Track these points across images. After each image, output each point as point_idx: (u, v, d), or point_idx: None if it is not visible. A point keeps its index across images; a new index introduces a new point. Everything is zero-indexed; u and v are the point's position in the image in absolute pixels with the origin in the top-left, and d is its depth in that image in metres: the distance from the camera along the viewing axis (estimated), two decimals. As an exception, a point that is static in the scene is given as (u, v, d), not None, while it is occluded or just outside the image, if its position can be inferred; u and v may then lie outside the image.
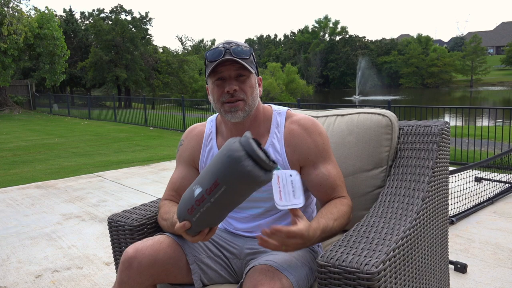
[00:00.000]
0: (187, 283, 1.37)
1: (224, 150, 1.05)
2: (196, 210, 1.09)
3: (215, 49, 1.29)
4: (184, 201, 1.14)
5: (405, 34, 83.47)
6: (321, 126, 1.40)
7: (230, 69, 1.28)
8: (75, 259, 2.97)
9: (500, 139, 6.77)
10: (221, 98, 1.30)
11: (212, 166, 1.07)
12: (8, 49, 18.27)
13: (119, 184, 5.27)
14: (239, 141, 1.05)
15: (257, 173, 1.02)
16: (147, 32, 34.11)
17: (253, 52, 1.33)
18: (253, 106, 1.32)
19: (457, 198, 3.86)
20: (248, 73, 1.30)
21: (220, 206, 1.07)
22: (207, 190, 1.06)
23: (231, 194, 1.05)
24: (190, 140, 1.50)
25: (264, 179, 1.03)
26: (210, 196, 1.06)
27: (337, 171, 1.37)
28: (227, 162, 1.03)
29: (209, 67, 1.29)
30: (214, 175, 1.05)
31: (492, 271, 2.56)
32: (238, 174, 1.02)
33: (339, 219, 1.24)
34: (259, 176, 1.02)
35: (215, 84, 1.31)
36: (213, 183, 1.05)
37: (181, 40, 66.97)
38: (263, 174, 1.03)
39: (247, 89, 1.30)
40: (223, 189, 1.04)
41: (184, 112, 11.90)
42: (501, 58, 63.89)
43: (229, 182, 1.03)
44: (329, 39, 66.09)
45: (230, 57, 1.25)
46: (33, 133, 12.17)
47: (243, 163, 1.01)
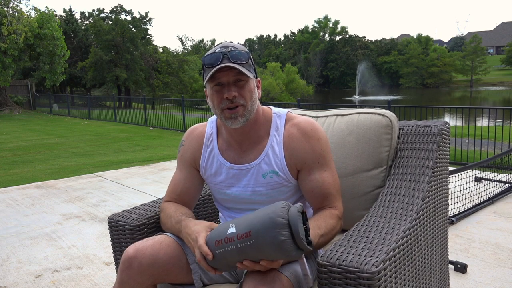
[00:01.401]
0: (187, 283, 1.37)
1: (269, 209, 1.06)
2: (222, 245, 1.11)
3: (212, 54, 1.27)
4: (217, 230, 1.15)
5: (405, 34, 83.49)
6: (322, 131, 1.38)
7: (228, 75, 1.27)
8: (75, 259, 2.97)
9: (500, 139, 6.77)
10: (221, 105, 1.29)
11: (252, 216, 1.09)
12: (8, 49, 18.27)
13: (119, 184, 5.27)
14: (288, 209, 1.05)
15: (289, 246, 1.02)
16: (147, 32, 34.12)
17: (251, 55, 1.32)
18: (252, 111, 1.31)
19: (457, 198, 3.86)
20: (247, 77, 1.29)
21: (242, 255, 1.09)
22: (238, 235, 1.08)
23: (256, 250, 1.06)
24: (191, 141, 1.49)
25: (293, 255, 1.03)
26: (238, 241, 1.07)
27: (333, 179, 1.35)
28: (266, 222, 1.04)
29: (207, 72, 1.28)
30: (250, 227, 1.06)
31: (492, 271, 2.56)
32: (271, 238, 1.03)
33: (326, 235, 1.24)
34: (290, 250, 1.02)
35: (213, 90, 1.30)
36: (245, 232, 1.06)
37: (181, 40, 67.05)
38: (294, 250, 1.03)
39: (246, 94, 1.29)
40: (251, 242, 1.05)
41: (184, 112, 11.90)
42: (501, 58, 63.92)
43: (259, 240, 1.04)
44: (329, 39, 66.11)
45: (228, 64, 1.24)
46: (33, 133, 12.17)
47: (280, 231, 1.02)
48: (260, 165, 1.36)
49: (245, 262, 1.09)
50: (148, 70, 32.53)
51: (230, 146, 1.41)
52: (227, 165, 1.40)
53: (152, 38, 40.56)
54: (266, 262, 1.08)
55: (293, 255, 1.03)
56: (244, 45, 1.41)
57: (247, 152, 1.38)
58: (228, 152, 1.41)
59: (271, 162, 1.35)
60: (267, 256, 1.06)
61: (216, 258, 1.13)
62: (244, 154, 1.39)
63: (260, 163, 1.36)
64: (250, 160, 1.38)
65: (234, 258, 1.10)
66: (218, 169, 1.42)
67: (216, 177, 1.42)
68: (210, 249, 1.14)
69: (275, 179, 1.35)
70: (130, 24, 32.62)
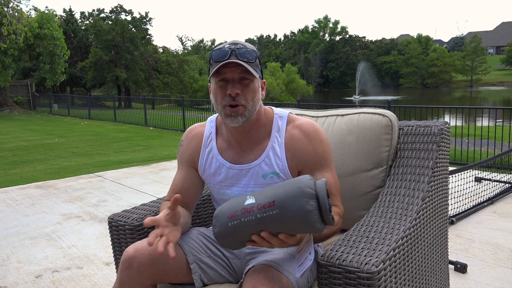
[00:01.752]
0: (187, 283, 1.37)
1: (296, 180, 1.05)
2: (237, 217, 1.05)
3: (220, 49, 1.27)
4: (230, 203, 1.10)
5: (405, 34, 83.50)
6: (323, 133, 1.38)
7: (234, 72, 1.26)
8: (75, 259, 2.97)
9: (500, 139, 6.77)
10: (223, 101, 1.28)
11: (276, 187, 1.06)
12: (8, 49, 18.27)
13: (119, 184, 5.27)
14: (314, 181, 1.04)
15: (315, 217, 1.01)
16: (147, 32, 34.13)
17: (259, 55, 1.31)
18: (253, 111, 1.31)
19: (457, 198, 3.86)
20: (252, 77, 1.29)
21: (260, 226, 1.04)
22: (259, 205, 1.04)
23: (277, 221, 1.02)
24: (189, 141, 1.49)
25: (317, 227, 1.02)
26: (258, 212, 1.03)
27: (334, 180, 1.35)
28: (294, 191, 1.02)
29: (213, 67, 1.27)
30: (274, 196, 1.03)
31: (492, 271, 2.56)
32: (297, 207, 1.00)
33: (329, 229, 1.23)
34: (315, 221, 1.01)
35: (218, 85, 1.29)
36: (268, 202, 1.03)
37: (181, 40, 67.05)
38: (319, 222, 1.01)
39: (249, 93, 1.28)
40: (274, 212, 1.02)
41: (184, 112, 11.90)
42: (501, 58, 63.91)
43: (284, 209, 1.01)
44: (329, 39, 66.11)
45: (235, 60, 1.24)
46: (33, 133, 12.17)
47: (308, 201, 1.00)
48: (260, 165, 1.36)
49: (263, 234, 1.05)
50: (148, 70, 32.54)
51: (230, 145, 1.41)
52: (226, 165, 1.40)
53: (152, 38, 40.58)
54: (284, 236, 1.05)
55: (317, 227, 1.01)
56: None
57: (247, 152, 1.38)
58: (228, 152, 1.41)
59: (272, 163, 1.35)
60: (288, 228, 1.03)
61: (227, 232, 1.08)
62: (244, 154, 1.38)
63: (260, 163, 1.36)
64: (250, 160, 1.37)
65: (249, 230, 1.05)
66: (217, 169, 1.41)
67: (215, 177, 1.42)
68: (220, 223, 1.08)
69: (276, 180, 1.35)
70: (130, 24, 32.63)
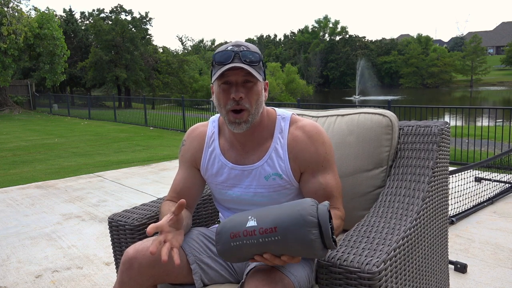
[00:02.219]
0: (188, 283, 1.37)
1: (298, 206, 1.04)
2: (239, 238, 1.07)
3: (223, 52, 1.26)
4: (231, 221, 1.11)
5: (405, 34, 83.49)
6: (326, 135, 1.38)
7: (237, 75, 1.26)
8: (75, 259, 2.97)
9: (500, 139, 6.77)
10: (227, 106, 1.28)
11: (277, 212, 1.06)
12: (8, 49, 18.27)
13: (119, 184, 5.27)
14: (317, 207, 1.04)
15: (317, 245, 1.01)
16: (147, 32, 34.13)
17: (262, 57, 1.31)
18: (256, 115, 1.31)
19: (457, 198, 3.86)
20: (256, 80, 1.28)
21: (262, 249, 1.05)
22: (261, 229, 1.04)
23: (280, 247, 1.03)
24: (192, 141, 1.48)
25: (319, 254, 1.02)
26: (260, 236, 1.04)
27: (335, 182, 1.35)
28: (296, 219, 1.02)
29: (216, 69, 1.26)
30: (276, 222, 1.03)
31: (492, 271, 2.56)
32: (300, 236, 1.01)
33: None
34: (318, 249, 1.01)
35: (221, 88, 1.29)
36: (270, 228, 1.03)
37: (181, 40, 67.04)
38: (321, 249, 1.02)
39: (252, 97, 1.28)
40: (277, 238, 1.03)
41: (184, 112, 11.90)
42: (501, 58, 63.91)
43: (285, 237, 1.02)
44: (329, 39, 66.11)
45: (239, 64, 1.23)
46: (33, 133, 12.17)
47: (310, 230, 1.00)
48: (263, 167, 1.36)
49: (266, 256, 1.06)
50: (148, 70, 32.54)
51: (232, 146, 1.41)
52: (229, 166, 1.40)
53: (152, 38, 40.57)
54: (287, 258, 1.06)
55: (319, 253, 1.02)
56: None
57: (249, 153, 1.38)
58: (230, 153, 1.41)
59: (275, 165, 1.35)
60: (291, 252, 1.04)
61: (230, 251, 1.09)
62: (247, 155, 1.38)
63: (263, 165, 1.36)
64: (252, 161, 1.37)
65: (252, 251, 1.07)
66: (220, 169, 1.41)
67: (217, 177, 1.42)
68: (222, 241, 1.10)
69: (278, 182, 1.35)
70: (130, 24, 32.63)
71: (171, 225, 1.20)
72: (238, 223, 1.09)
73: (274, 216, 1.05)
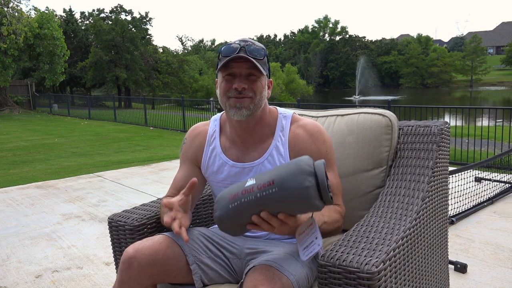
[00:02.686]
0: (187, 283, 1.37)
1: (295, 159, 1.06)
2: (237, 198, 1.07)
3: (230, 45, 1.29)
4: (230, 188, 1.11)
5: (405, 34, 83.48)
6: (327, 134, 1.40)
7: (242, 67, 1.28)
8: (75, 259, 2.97)
9: (500, 139, 6.76)
10: (228, 93, 1.30)
11: (276, 168, 1.08)
12: (8, 49, 18.27)
13: (119, 184, 5.27)
14: (313, 161, 1.06)
15: (313, 193, 1.01)
16: (147, 32, 34.13)
17: (267, 54, 1.33)
18: (259, 106, 1.32)
19: (457, 198, 3.86)
20: (259, 73, 1.30)
21: (260, 206, 1.05)
22: (259, 185, 1.05)
23: (277, 200, 1.03)
24: (193, 139, 1.50)
25: (315, 203, 1.02)
26: (258, 191, 1.04)
27: (336, 180, 1.36)
28: (293, 168, 1.03)
29: (222, 61, 1.29)
30: (273, 176, 1.05)
31: (492, 271, 2.56)
32: (296, 184, 1.01)
33: (328, 224, 1.24)
34: (313, 197, 1.01)
35: (224, 78, 1.31)
36: (268, 181, 1.04)
37: (181, 40, 67.05)
38: (317, 198, 1.02)
39: (256, 88, 1.30)
40: (274, 190, 1.03)
41: (184, 112, 11.90)
42: (501, 58, 63.90)
43: (283, 187, 1.02)
44: (329, 39, 66.12)
45: (244, 55, 1.25)
46: (33, 133, 12.17)
47: (306, 177, 1.01)
48: (263, 164, 1.36)
49: (263, 214, 1.05)
50: (148, 70, 32.54)
51: (233, 143, 1.41)
52: (229, 163, 1.40)
53: (152, 38, 40.58)
54: (284, 216, 1.05)
55: (315, 204, 1.02)
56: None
57: (250, 150, 1.39)
58: (231, 150, 1.41)
59: (275, 162, 1.36)
60: (288, 206, 1.04)
61: (227, 215, 1.08)
62: (248, 152, 1.39)
63: (263, 162, 1.36)
64: (253, 159, 1.38)
65: (250, 211, 1.06)
66: (220, 167, 1.42)
67: (217, 175, 1.43)
68: (221, 206, 1.09)
69: None
70: (130, 24, 32.63)
71: (180, 206, 1.23)
72: (237, 186, 1.10)
73: (272, 172, 1.06)
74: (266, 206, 1.05)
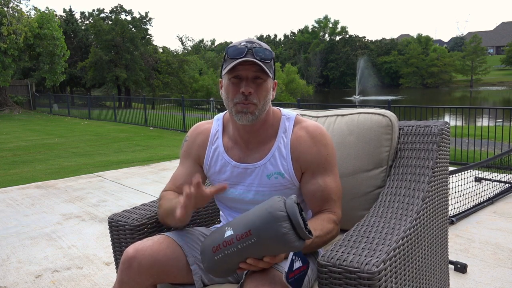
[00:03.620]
0: (187, 283, 1.37)
1: (266, 205, 1.08)
2: (220, 250, 1.10)
3: (237, 46, 1.27)
4: (211, 238, 1.14)
5: (405, 34, 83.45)
6: (329, 137, 1.39)
7: (249, 70, 1.26)
8: (75, 259, 2.97)
9: (500, 139, 6.76)
10: (235, 99, 1.29)
11: (249, 215, 1.09)
12: (8, 49, 18.27)
13: (119, 184, 5.27)
14: (284, 202, 1.07)
15: (291, 237, 1.03)
16: (147, 32, 34.12)
17: (274, 55, 1.32)
18: (263, 111, 1.32)
19: (457, 198, 3.86)
20: (266, 76, 1.29)
21: (243, 255, 1.08)
22: (238, 236, 1.07)
23: (258, 248, 1.06)
24: (196, 137, 1.49)
25: (296, 245, 1.04)
26: (238, 243, 1.07)
27: (335, 185, 1.36)
28: (266, 218, 1.05)
29: (228, 63, 1.27)
30: (249, 225, 1.06)
31: (492, 271, 2.56)
32: (273, 232, 1.03)
33: (321, 237, 1.25)
34: (293, 241, 1.03)
35: (231, 81, 1.30)
36: (245, 232, 1.06)
37: (181, 40, 67.04)
38: (296, 241, 1.04)
39: (261, 93, 1.29)
40: (252, 241, 1.05)
41: (184, 112, 11.90)
42: (501, 58, 63.89)
43: (260, 237, 1.04)
44: (329, 39, 66.11)
45: (251, 59, 1.24)
46: (33, 133, 12.17)
47: (281, 224, 1.03)
48: (265, 165, 1.36)
49: (249, 261, 1.08)
50: (148, 70, 32.53)
51: (236, 144, 1.41)
52: (232, 164, 1.40)
53: (152, 38, 40.56)
54: (269, 258, 1.08)
55: (296, 245, 1.04)
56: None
57: (253, 151, 1.39)
58: (234, 151, 1.41)
59: (277, 164, 1.35)
60: (270, 251, 1.06)
61: (215, 266, 1.13)
62: (250, 153, 1.39)
63: (265, 163, 1.36)
64: (255, 160, 1.38)
65: (235, 260, 1.09)
66: (223, 167, 1.42)
67: (220, 175, 1.42)
68: (207, 258, 1.13)
69: (280, 181, 1.35)
70: (130, 24, 32.62)
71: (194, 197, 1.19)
72: (217, 236, 1.12)
73: (246, 221, 1.08)
74: (250, 254, 1.08)
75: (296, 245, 1.04)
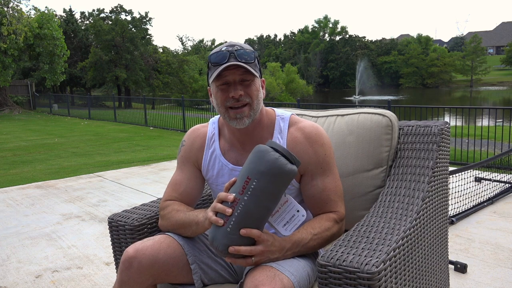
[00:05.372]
0: (188, 283, 1.37)
1: (252, 151, 1.16)
2: (230, 218, 1.12)
3: (218, 52, 1.27)
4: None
5: (405, 34, 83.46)
6: (326, 136, 1.38)
7: (234, 74, 1.26)
8: (75, 259, 2.97)
9: (500, 139, 6.77)
10: (226, 103, 1.28)
11: (241, 171, 1.15)
12: (8, 49, 18.28)
13: (119, 184, 5.27)
14: (266, 143, 1.17)
15: (283, 161, 1.11)
16: (147, 32, 34.11)
17: (257, 55, 1.31)
18: (257, 110, 1.31)
19: (457, 198, 3.86)
20: (253, 77, 1.29)
21: (255, 201, 1.11)
22: (240, 191, 1.12)
23: (261, 189, 1.10)
24: (193, 141, 1.48)
25: (289, 168, 1.11)
26: (243, 195, 1.11)
27: (335, 185, 1.35)
28: (255, 156, 1.13)
29: (213, 71, 1.27)
30: (245, 175, 1.13)
31: (492, 271, 2.56)
32: (266, 163, 1.10)
33: (320, 234, 1.25)
34: (285, 164, 1.11)
35: (219, 88, 1.29)
36: (244, 182, 1.11)
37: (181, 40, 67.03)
38: (288, 163, 1.12)
39: (252, 92, 1.29)
40: (254, 183, 1.10)
41: (184, 112, 11.89)
42: (501, 58, 63.86)
43: (258, 174, 1.11)
44: (329, 39, 66.10)
45: (235, 62, 1.23)
46: (33, 133, 12.17)
47: (270, 153, 1.11)
48: None
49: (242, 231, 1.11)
50: (148, 70, 32.51)
51: (232, 147, 1.41)
52: (229, 167, 1.40)
53: (152, 38, 40.56)
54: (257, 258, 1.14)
55: (289, 168, 1.11)
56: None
57: (249, 152, 1.38)
58: (230, 154, 1.40)
59: None
60: (274, 188, 1.11)
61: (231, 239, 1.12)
62: (247, 154, 1.38)
63: None
64: None
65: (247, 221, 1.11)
66: (220, 170, 1.41)
67: (218, 179, 1.42)
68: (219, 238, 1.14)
69: None
70: (130, 24, 32.61)
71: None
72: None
73: (240, 176, 1.15)
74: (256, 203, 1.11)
75: (289, 167, 1.11)
